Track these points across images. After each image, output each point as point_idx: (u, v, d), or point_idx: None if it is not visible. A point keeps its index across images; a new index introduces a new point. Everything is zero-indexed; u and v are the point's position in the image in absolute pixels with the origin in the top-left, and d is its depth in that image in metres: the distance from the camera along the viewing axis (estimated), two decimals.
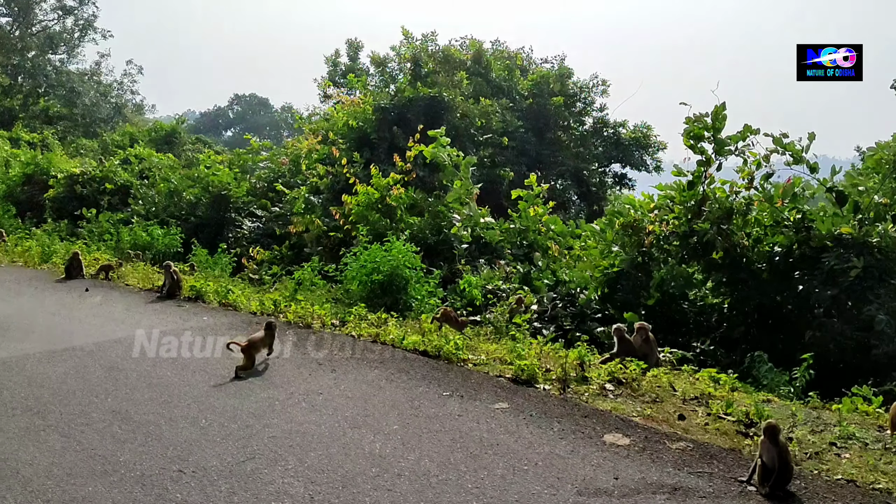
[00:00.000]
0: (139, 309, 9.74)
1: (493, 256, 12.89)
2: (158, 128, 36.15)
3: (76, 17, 60.53)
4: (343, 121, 16.88)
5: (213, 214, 18.72)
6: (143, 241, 16.02)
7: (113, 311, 9.60)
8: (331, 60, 33.33)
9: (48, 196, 19.55)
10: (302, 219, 15.10)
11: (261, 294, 11.12)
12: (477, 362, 7.20)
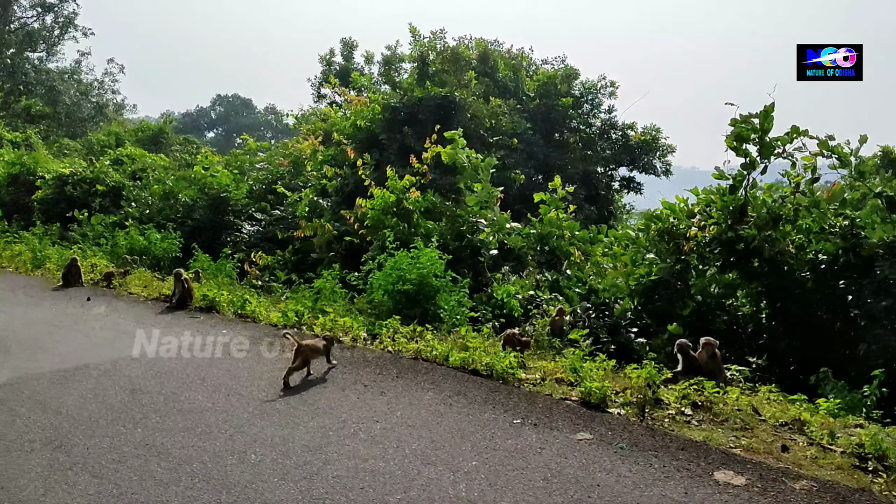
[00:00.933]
0: (149, 321, 9.01)
1: (516, 263, 12.33)
2: (145, 127, 35.11)
3: (56, 15, 59.13)
4: (350, 121, 16.21)
5: (211, 217, 17.94)
6: (140, 246, 15.21)
7: (122, 323, 8.86)
8: (325, 60, 32.60)
9: (36, 197, 18.61)
10: (309, 223, 14.39)
11: (275, 303, 10.44)
12: (533, 382, 6.61)
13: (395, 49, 32.66)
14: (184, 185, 19.03)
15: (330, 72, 32.67)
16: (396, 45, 32.59)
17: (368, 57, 33.76)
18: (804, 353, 9.53)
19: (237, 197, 18.04)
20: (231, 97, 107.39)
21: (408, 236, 12.38)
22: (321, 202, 14.69)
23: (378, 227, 12.72)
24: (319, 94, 33.27)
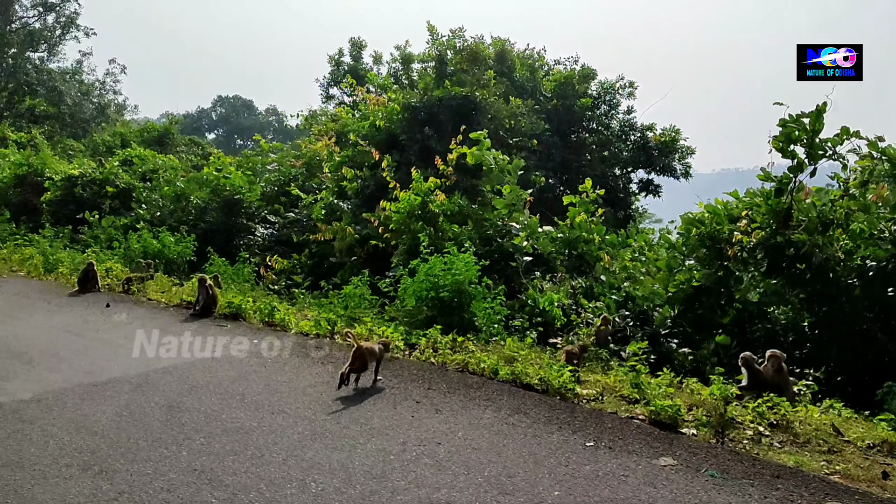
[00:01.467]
0: (175, 329, 8.60)
1: (545, 269, 11.93)
2: (150, 128, 34.68)
3: (57, 14, 58.77)
4: (369, 121, 15.81)
5: (224, 220, 17.53)
6: (154, 249, 14.81)
7: (146, 332, 8.44)
8: (334, 60, 32.24)
9: (45, 199, 18.18)
10: (328, 226, 14.00)
11: (300, 309, 10.05)
12: (592, 398, 6.22)
13: (405, 49, 32.37)
14: (195, 187, 18.64)
15: (339, 72, 32.34)
16: (406, 45, 32.33)
17: (377, 57, 33.44)
18: (853, 363, 9.16)
19: (251, 199, 17.64)
20: (232, 98, 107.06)
21: (434, 241, 12.00)
22: (341, 205, 14.29)
23: (403, 231, 12.34)
24: (328, 95, 32.93)
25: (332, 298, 10.03)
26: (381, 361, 6.56)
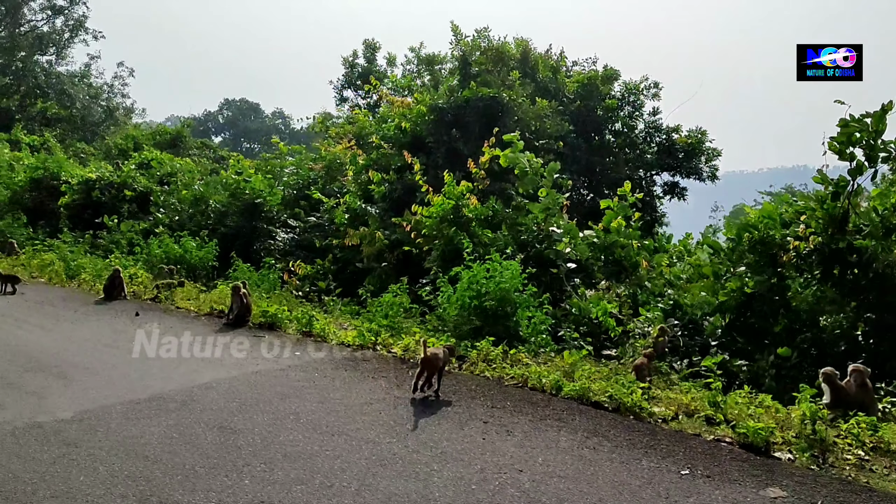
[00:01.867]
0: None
1: (583, 275, 11.53)
2: (162, 131, 34.41)
3: (66, 18, 58.81)
4: (395, 122, 15.45)
5: (245, 224, 17.18)
6: (176, 254, 14.47)
7: (181, 343, 8.08)
8: (347, 62, 31.94)
9: (62, 203, 17.87)
10: (356, 230, 13.62)
11: (336, 319, 9.67)
12: (667, 417, 5.81)
13: (420, 50, 32.03)
14: (213, 191, 18.32)
15: (353, 74, 32.03)
16: (421, 47, 32.00)
17: (391, 59, 33.13)
18: None
19: (272, 203, 17.28)
20: (239, 101, 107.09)
21: (468, 246, 11.62)
22: (368, 209, 13.90)
23: (435, 237, 11.96)
24: (342, 98, 32.62)
25: (370, 307, 9.61)
26: (446, 366, 6.31)
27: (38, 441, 5.03)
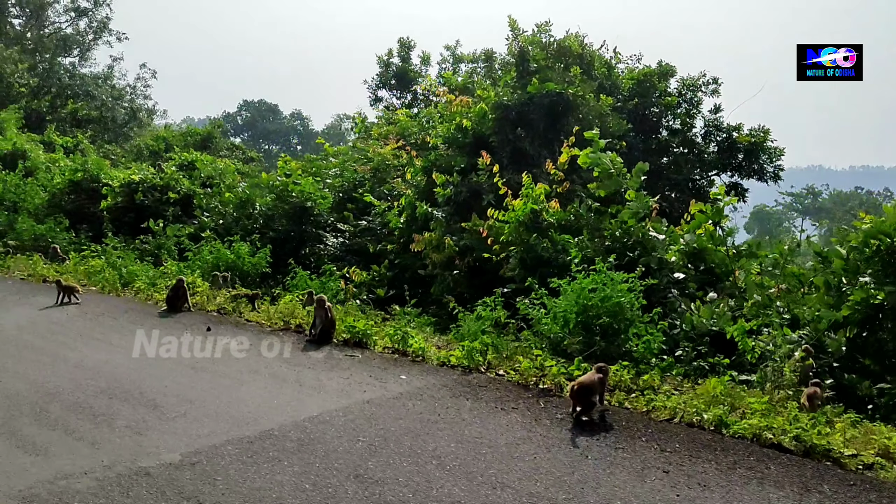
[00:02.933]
0: (300, 361, 7.47)
1: (676, 284, 10.65)
2: (193, 132, 33.89)
3: (90, 19, 58.83)
4: (455, 122, 14.67)
5: (293, 228, 16.47)
6: (228, 260, 13.77)
7: (269, 364, 7.33)
8: (382, 61, 31.23)
9: (104, 206, 17.24)
10: (421, 235, 12.83)
11: (428, 336, 8.86)
12: (865, 463, 4.95)
13: (455, 49, 31.27)
14: (257, 193, 17.63)
15: (388, 74, 31.33)
16: (456, 45, 31.27)
17: (425, 58, 32.42)
18: None
19: (323, 207, 16.55)
20: (257, 103, 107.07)
21: (550, 254, 10.82)
22: (435, 213, 13.11)
23: (513, 243, 11.16)
24: (376, 98, 31.92)
25: (466, 322, 8.77)
26: (604, 389, 5.84)
27: (153, 494, 4.28)
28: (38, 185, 19.77)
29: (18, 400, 6.01)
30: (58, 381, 6.57)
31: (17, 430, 5.32)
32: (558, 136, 15.36)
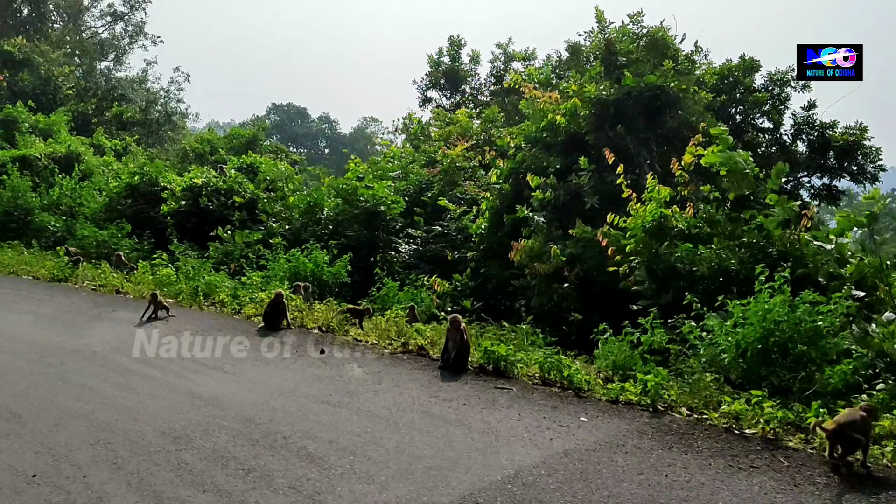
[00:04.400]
0: (447, 394, 6.42)
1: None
2: (238, 134, 33.20)
3: (125, 24, 59.00)
4: (546, 120, 13.57)
5: (365, 235, 15.50)
6: (306, 270, 12.83)
7: (415, 399, 6.28)
8: (433, 60, 30.26)
9: (166, 211, 16.43)
10: (522, 244, 11.73)
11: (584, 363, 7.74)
12: None
13: (507, 47, 30.19)
14: (323, 196, 16.70)
15: (438, 73, 30.37)
16: (509, 43, 30.18)
17: (475, 56, 31.39)
18: None
19: (396, 211, 15.56)
20: (286, 106, 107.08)
21: (684, 265, 9.66)
22: (536, 218, 11.99)
23: (637, 253, 10.03)
24: (425, 98, 30.96)
25: (613, 347, 7.63)
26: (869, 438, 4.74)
27: None
28: (94, 188, 19.06)
29: (146, 446, 5.05)
30: (181, 420, 5.60)
31: (160, 491, 4.34)
32: (654, 133, 14.21)
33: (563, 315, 10.86)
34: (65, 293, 11.35)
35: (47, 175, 19.76)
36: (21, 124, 24.87)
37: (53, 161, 20.56)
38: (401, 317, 9.43)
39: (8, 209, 18.03)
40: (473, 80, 30.51)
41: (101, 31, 59.01)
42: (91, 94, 30.78)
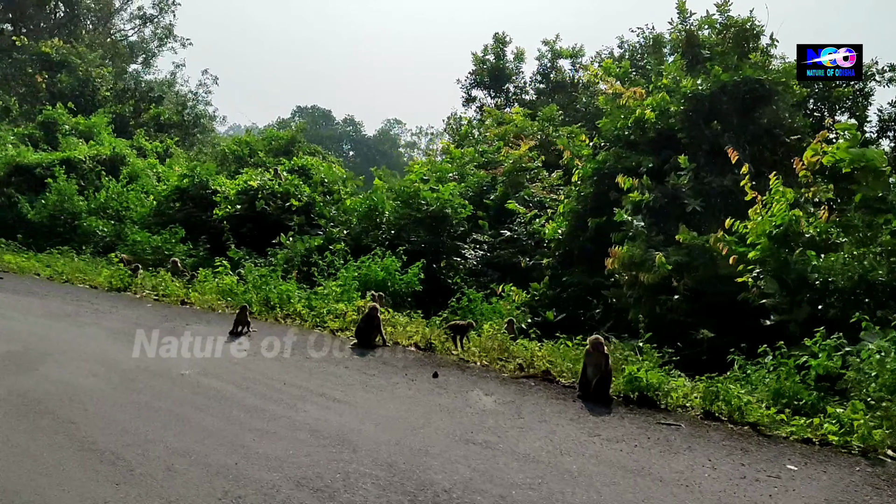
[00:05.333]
0: (604, 433, 5.49)
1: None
2: (276, 136, 32.51)
3: (155, 26, 59.07)
4: (634, 115, 12.58)
5: (430, 240, 14.61)
6: (377, 279, 11.99)
7: (572, 438, 5.35)
8: (478, 59, 29.37)
9: (221, 215, 15.69)
10: (617, 251, 10.75)
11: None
12: None
13: (554, 44, 29.20)
14: (383, 199, 15.86)
15: (483, 71, 29.47)
16: (556, 39, 29.19)
17: (519, 54, 30.45)
18: None
19: (463, 215, 14.67)
20: (311, 108, 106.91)
21: (821, 275, 8.63)
22: (635, 222, 11.00)
23: (762, 262, 9.03)
24: (469, 98, 30.07)
25: (784, 371, 6.58)
26: None
27: None
28: (141, 192, 18.42)
29: (285, 502, 4.17)
30: (311, 464, 4.73)
31: None
32: (747, 130, 13.13)
33: (672, 330, 9.87)
34: (129, 304, 10.60)
35: (93, 178, 19.15)
36: (61, 126, 24.43)
37: (98, 163, 19.96)
38: (501, 332, 8.53)
39: (54, 213, 17.45)
40: (518, 78, 29.53)
41: (130, 34, 59.12)
42: (129, 96, 30.28)
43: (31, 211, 17.40)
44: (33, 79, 29.81)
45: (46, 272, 13.12)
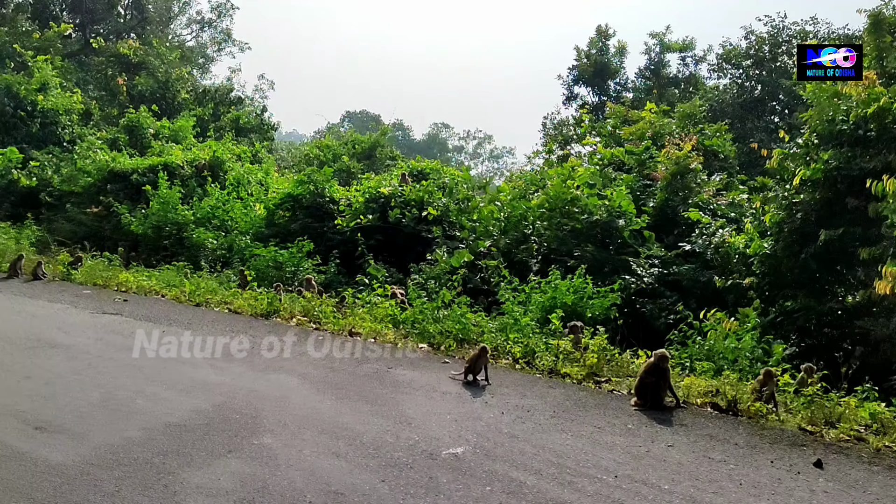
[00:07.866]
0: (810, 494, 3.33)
1: None
2: (357, 140, 30.94)
3: (213, 30, 58.63)
4: (872, 108, 10.34)
5: (596, 255, 12.54)
6: (565, 303, 10.01)
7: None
8: (582, 53, 27.27)
9: (346, 226, 13.91)
10: (891, 271, 8.50)
11: None
12: None
13: (664, 36, 26.96)
14: (523, 207, 13.90)
15: (586, 66, 27.36)
16: (667, 31, 26.94)
17: (621, 48, 28.25)
18: None
19: (637, 225, 12.58)
20: (360, 113, 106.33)
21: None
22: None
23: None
24: (571, 95, 27.98)
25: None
26: None
27: None
28: (249, 200, 16.79)
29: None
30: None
31: None
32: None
33: None
34: (298, 337, 8.75)
35: (194, 185, 17.62)
36: (145, 130, 23.20)
37: (197, 169, 18.48)
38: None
39: (158, 224, 15.93)
40: (621, 73, 27.36)
41: (188, 38, 58.76)
42: (209, 98, 29.06)
43: (135, 221, 15.91)
44: (113, 81, 28.82)
45: (171, 293, 11.47)
